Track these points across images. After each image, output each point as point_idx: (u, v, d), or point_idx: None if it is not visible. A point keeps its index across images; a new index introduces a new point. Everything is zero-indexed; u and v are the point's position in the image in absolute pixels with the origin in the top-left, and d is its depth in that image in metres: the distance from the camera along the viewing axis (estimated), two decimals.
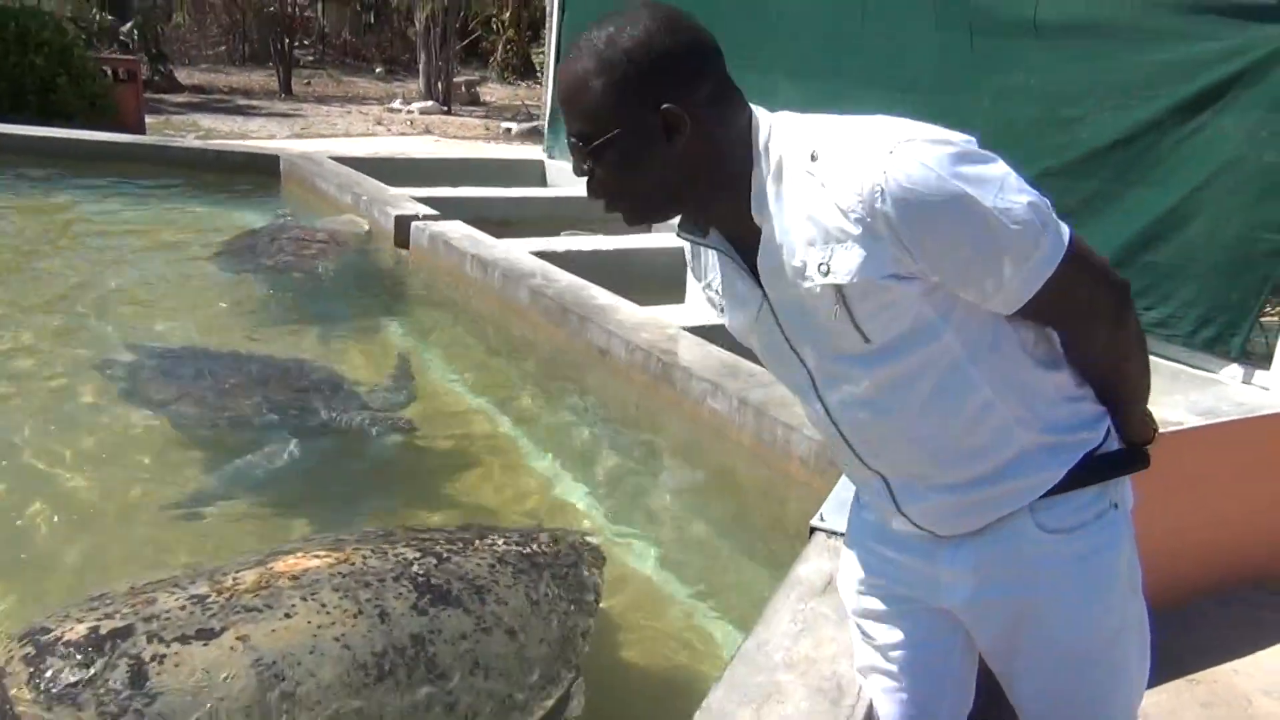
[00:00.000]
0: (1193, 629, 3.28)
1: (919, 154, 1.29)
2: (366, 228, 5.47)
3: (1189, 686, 3.04)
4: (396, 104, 16.92)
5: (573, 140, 1.42)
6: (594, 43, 1.37)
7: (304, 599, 2.06)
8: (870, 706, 1.77)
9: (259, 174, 6.73)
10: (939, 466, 1.48)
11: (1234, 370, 3.63)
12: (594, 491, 3.17)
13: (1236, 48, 3.53)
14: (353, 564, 2.18)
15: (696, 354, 3.54)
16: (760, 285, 1.44)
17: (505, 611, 2.22)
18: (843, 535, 2.30)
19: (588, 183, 1.45)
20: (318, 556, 2.19)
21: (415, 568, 2.21)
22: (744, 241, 1.44)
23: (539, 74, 17.50)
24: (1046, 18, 4.08)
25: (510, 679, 2.15)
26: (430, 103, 17.02)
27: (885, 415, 1.45)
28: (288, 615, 2.02)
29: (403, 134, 14.14)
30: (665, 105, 1.35)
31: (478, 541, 2.39)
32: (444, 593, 2.18)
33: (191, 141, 9.53)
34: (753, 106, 1.43)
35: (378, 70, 22.60)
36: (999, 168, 1.32)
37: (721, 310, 1.57)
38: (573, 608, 2.34)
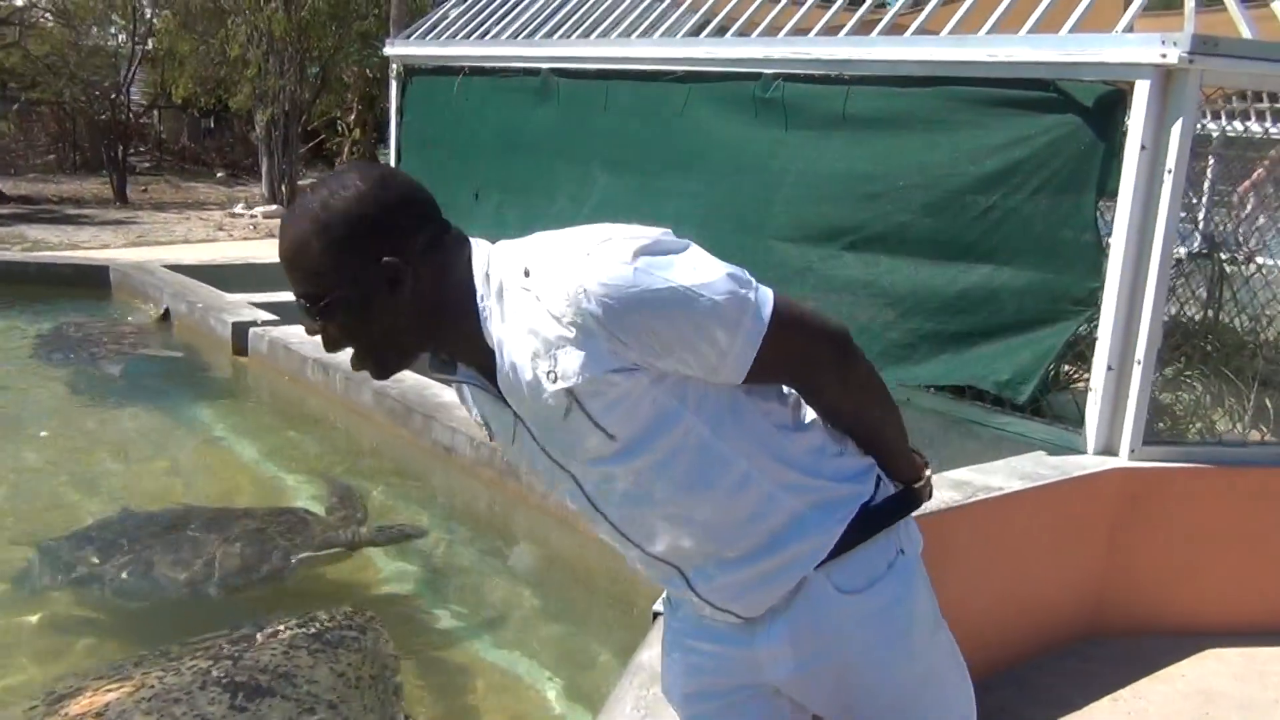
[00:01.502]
0: (1028, 686, 3.42)
1: (614, 252, 1.38)
2: (159, 312, 5.50)
3: None
4: (239, 209, 16.63)
5: (301, 302, 1.46)
6: (310, 207, 1.42)
7: None
8: None
9: (88, 286, 6.50)
10: (717, 544, 1.54)
11: (1050, 433, 3.86)
12: (445, 585, 3.16)
13: (1019, 135, 3.85)
14: (151, 687, 2.16)
15: None
16: (510, 406, 1.49)
17: (318, 689, 2.26)
18: None
19: (323, 341, 1.49)
20: (110, 690, 2.14)
21: (215, 672, 2.22)
22: (489, 368, 1.48)
23: None
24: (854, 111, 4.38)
25: None
26: (275, 206, 16.80)
27: (652, 504, 1.51)
28: None
29: (246, 239, 13.88)
30: (385, 259, 1.41)
31: (258, 636, 2.43)
32: (254, 687, 2.20)
33: (13, 254, 9.13)
34: (472, 240, 1.50)
35: (219, 175, 22.22)
36: (691, 252, 1.43)
37: (491, 437, 1.63)
38: (378, 669, 2.41)
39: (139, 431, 4.49)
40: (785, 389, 1.59)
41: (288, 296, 5.05)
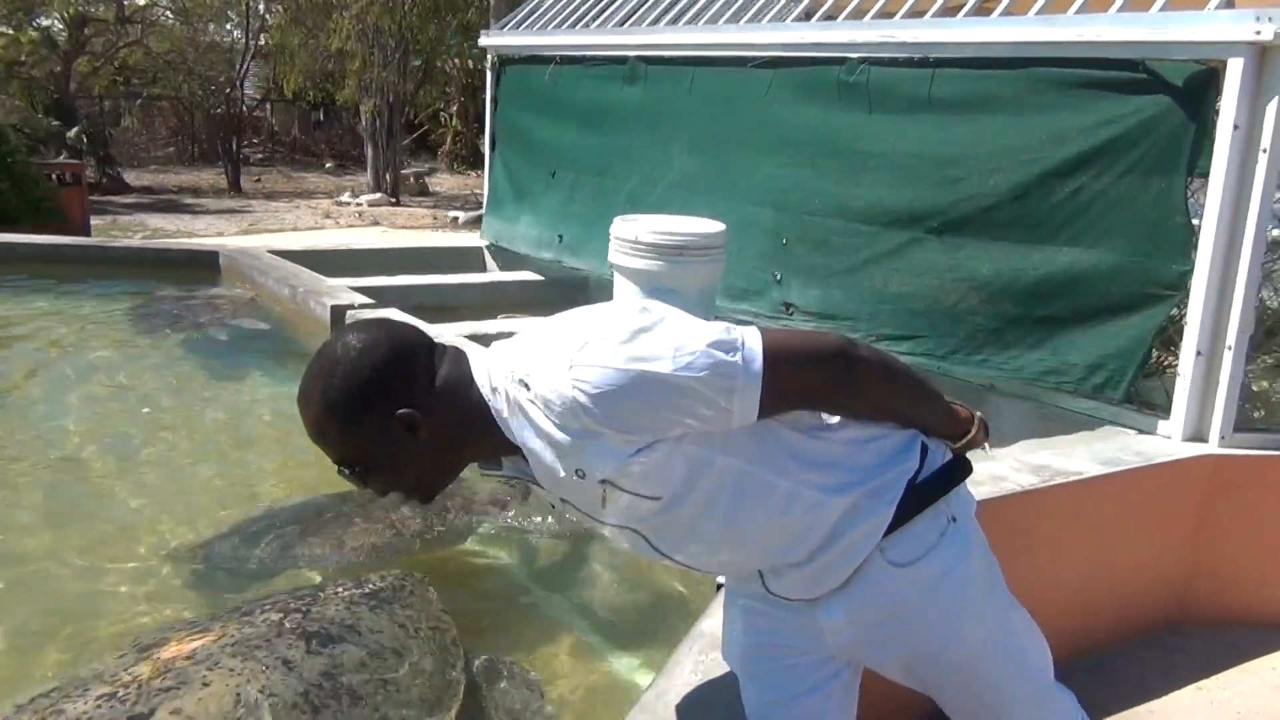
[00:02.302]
0: (1109, 674, 3.38)
1: (593, 358, 1.43)
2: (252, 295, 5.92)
3: None
4: (345, 197, 17.13)
5: (340, 469, 1.59)
6: (314, 390, 1.55)
7: (210, 669, 2.18)
8: None
9: (199, 269, 6.82)
10: (780, 557, 1.63)
11: (1136, 419, 3.79)
12: (525, 554, 3.29)
13: (1108, 117, 3.78)
14: (232, 636, 2.32)
15: None
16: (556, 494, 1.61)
17: (383, 638, 2.42)
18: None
19: (375, 491, 1.62)
20: (195, 639, 2.32)
21: (287, 624, 2.38)
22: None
23: None
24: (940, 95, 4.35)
25: (415, 690, 2.35)
26: (379, 195, 17.25)
27: (709, 542, 1.60)
28: (205, 684, 2.17)
29: (351, 226, 14.31)
30: (399, 412, 1.52)
31: (320, 594, 2.60)
32: (326, 636, 2.36)
33: (132, 241, 9.61)
34: (465, 352, 1.59)
35: (327, 165, 22.90)
36: (666, 329, 1.46)
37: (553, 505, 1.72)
38: (434, 622, 2.57)
39: (243, 404, 4.71)
40: None
41: (384, 281, 5.28)
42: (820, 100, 4.94)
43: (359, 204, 16.62)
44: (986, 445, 1.77)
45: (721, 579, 2.45)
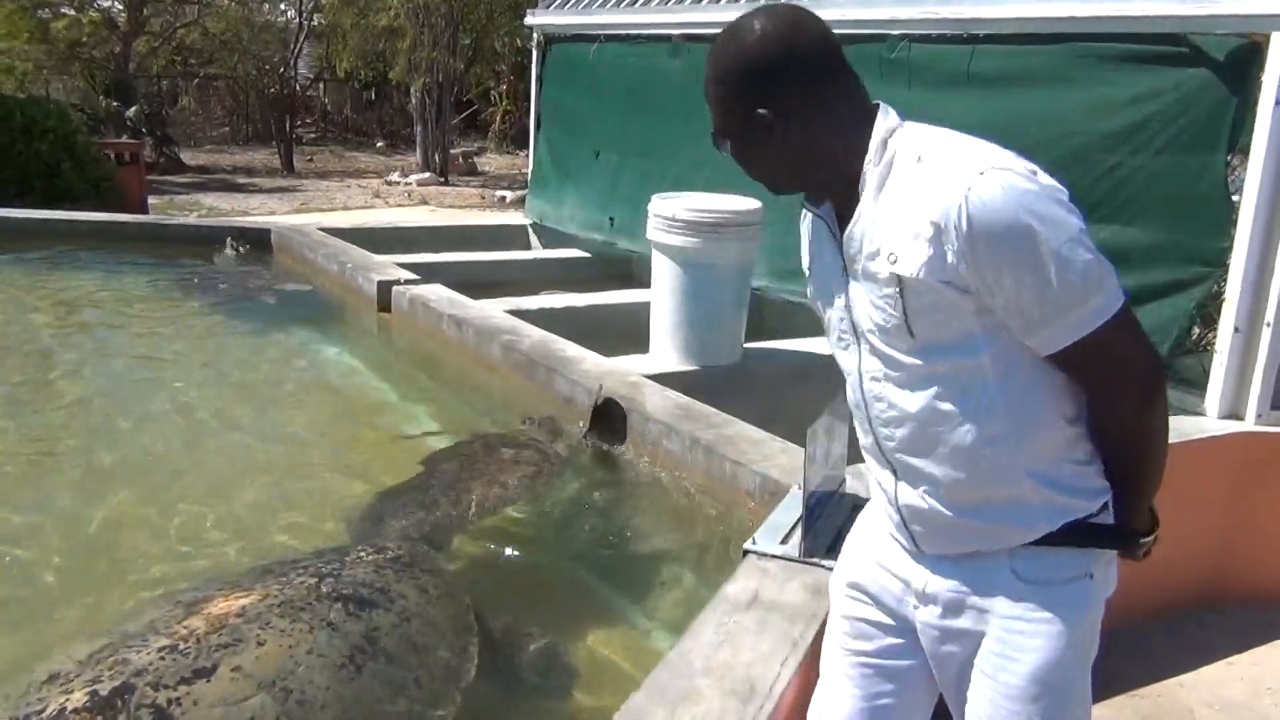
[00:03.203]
0: (1139, 648, 3.39)
1: (1006, 181, 1.44)
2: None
3: (1130, 701, 3.17)
4: (395, 177, 17.32)
5: (715, 127, 1.70)
6: (716, 53, 1.66)
7: (262, 629, 2.29)
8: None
9: (252, 247, 6.98)
10: (941, 475, 1.61)
11: (1173, 396, 3.78)
12: (558, 520, 3.38)
13: (1147, 91, 3.76)
14: (275, 597, 2.42)
15: (655, 399, 3.71)
16: (843, 261, 1.63)
17: (409, 602, 2.54)
18: (774, 557, 2.47)
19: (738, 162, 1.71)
20: (239, 597, 2.42)
21: (324, 588, 2.48)
22: (846, 215, 1.62)
23: None
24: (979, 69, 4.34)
25: (440, 651, 2.45)
26: (428, 174, 17.42)
27: (908, 410, 1.60)
28: (260, 644, 2.26)
29: (400, 205, 14.49)
30: (759, 110, 1.59)
31: (347, 558, 2.71)
32: (361, 599, 2.47)
33: (187, 219, 9.83)
34: (881, 106, 1.62)
35: (378, 145, 23.13)
36: (1074, 222, 1.45)
37: (810, 274, 1.78)
38: (449, 587, 2.69)
39: (295, 375, 4.85)
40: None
41: (430, 258, 5.41)
42: (864, 77, 4.93)
43: (408, 183, 16.80)
44: (1140, 554, 1.70)
45: (749, 545, 2.52)
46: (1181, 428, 3.53)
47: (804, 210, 1.77)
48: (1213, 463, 3.56)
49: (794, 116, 1.58)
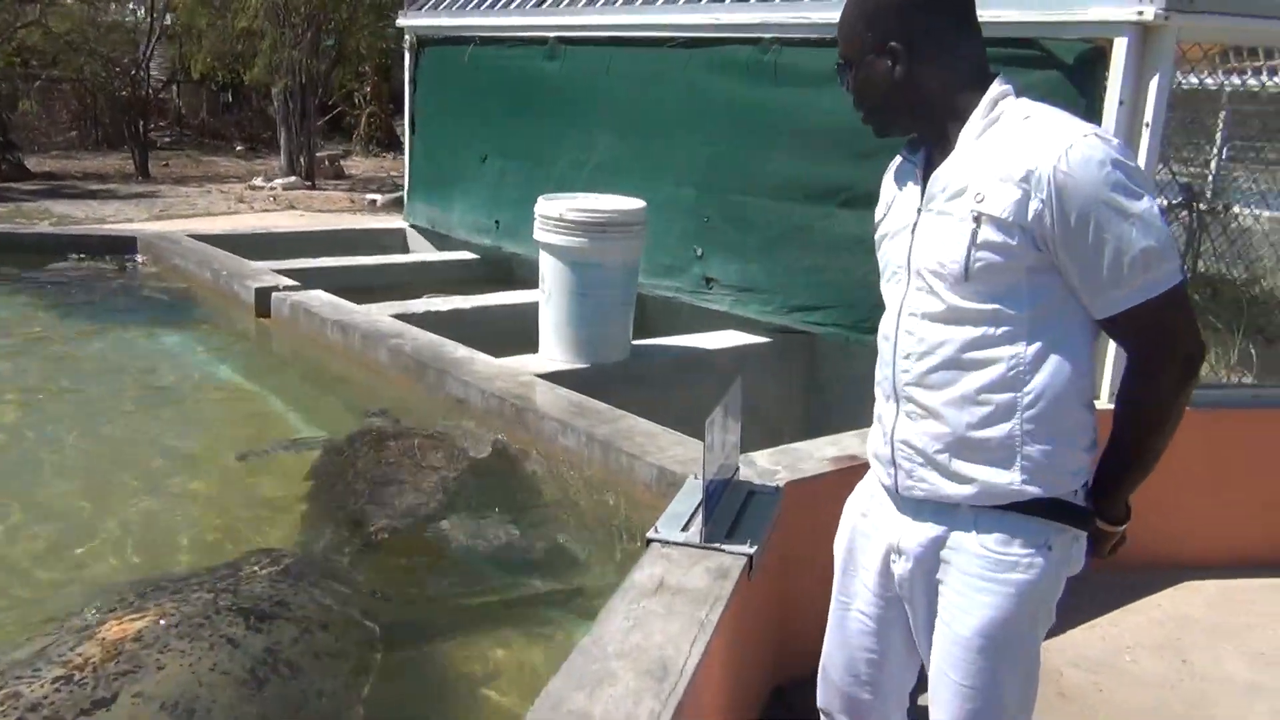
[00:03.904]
0: None
1: (1104, 148, 1.59)
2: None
3: None
4: (258, 181, 16.84)
5: (839, 63, 1.84)
6: None
7: (161, 651, 2.26)
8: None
9: (117, 256, 6.74)
10: (945, 417, 1.76)
11: None
12: (461, 518, 3.41)
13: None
14: (172, 616, 2.39)
15: (548, 397, 3.77)
16: (919, 205, 1.77)
17: (308, 612, 2.55)
18: (676, 544, 2.56)
19: (853, 99, 1.85)
20: (134, 620, 2.38)
21: (221, 602, 2.48)
22: (929, 166, 1.79)
23: (403, 144, 17.69)
24: None
25: (343, 659, 2.48)
26: (293, 178, 16.99)
27: (936, 344, 1.75)
28: (160, 667, 2.22)
29: (266, 210, 14.11)
30: (891, 43, 1.71)
31: (241, 572, 2.70)
32: (261, 613, 2.47)
33: (45, 228, 9.39)
34: (1000, 75, 1.75)
35: (238, 149, 22.42)
36: (1151, 197, 1.62)
37: (882, 213, 1.93)
38: (344, 591, 2.72)
39: (173, 387, 4.72)
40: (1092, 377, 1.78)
41: (308, 263, 5.34)
42: (736, 79, 5.09)
43: (273, 188, 16.36)
44: (1108, 549, 1.88)
45: (652, 534, 2.60)
46: None
47: (893, 162, 1.94)
48: None
49: (924, 54, 1.72)
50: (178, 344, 5.27)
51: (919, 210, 1.77)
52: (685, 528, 2.62)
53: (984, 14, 3.94)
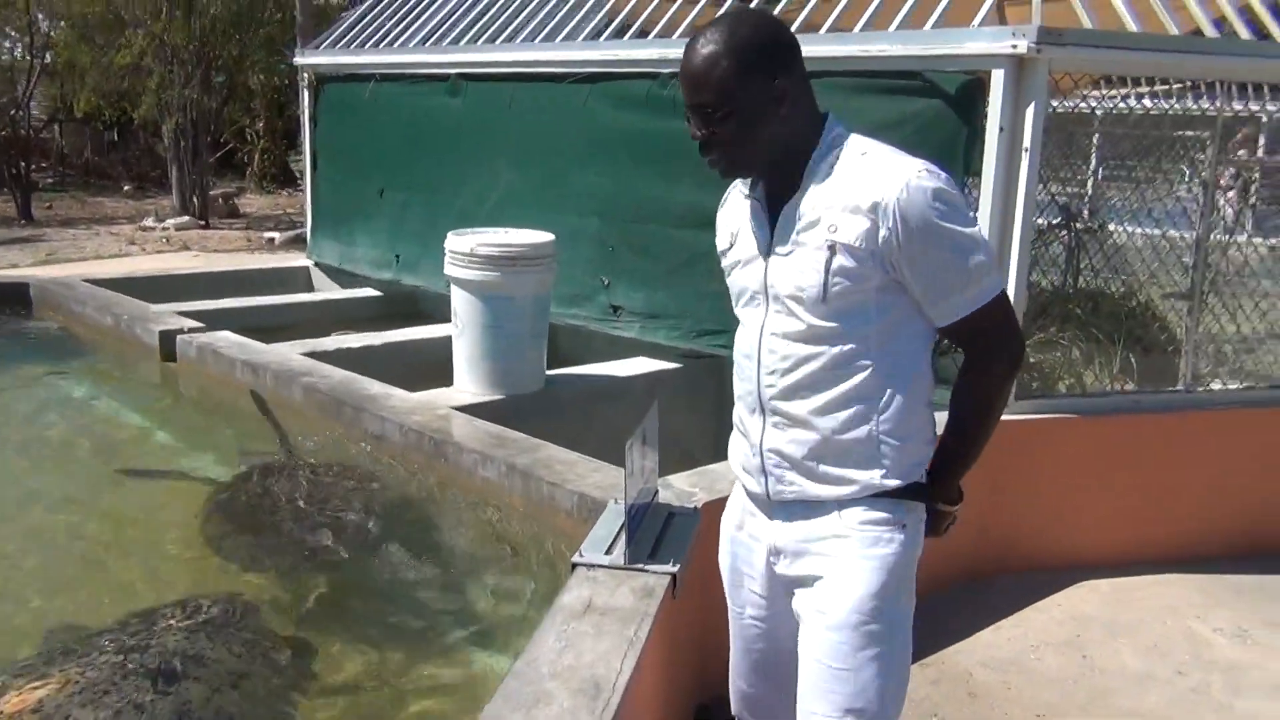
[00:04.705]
0: (921, 622, 3.76)
1: (936, 181, 1.78)
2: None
3: (919, 671, 3.50)
4: (149, 222, 16.45)
5: (703, 109, 1.84)
6: (719, 33, 1.81)
7: None
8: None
9: (8, 303, 6.52)
10: (810, 423, 1.91)
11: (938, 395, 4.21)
12: (385, 554, 3.41)
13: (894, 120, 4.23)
14: (77, 682, 2.33)
15: (466, 430, 3.81)
16: (771, 234, 1.90)
17: (223, 668, 2.50)
18: (602, 566, 2.63)
19: (704, 145, 1.89)
20: (36, 688, 2.31)
21: (129, 664, 2.42)
22: (772, 200, 1.93)
23: (299, 181, 17.46)
24: None
25: (259, 712, 2.42)
26: (186, 218, 16.64)
27: (798, 359, 1.90)
28: None
29: (159, 252, 13.78)
30: (777, 80, 1.80)
31: (156, 625, 2.63)
32: (170, 672, 2.42)
33: None
34: (829, 114, 1.89)
35: (126, 188, 21.83)
36: (975, 221, 1.84)
37: (730, 247, 2.05)
38: (266, 646, 2.67)
39: (79, 436, 4.62)
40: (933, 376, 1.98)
41: (211, 304, 5.26)
42: (636, 111, 5.22)
43: (165, 228, 15.99)
44: (943, 528, 2.08)
45: (577, 558, 2.66)
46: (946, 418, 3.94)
47: (726, 197, 2.10)
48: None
49: (796, 92, 1.84)
50: (79, 392, 5.16)
51: (770, 241, 1.91)
52: (609, 550, 2.70)
53: (873, 49, 4.21)
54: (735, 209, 2.05)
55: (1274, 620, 3.85)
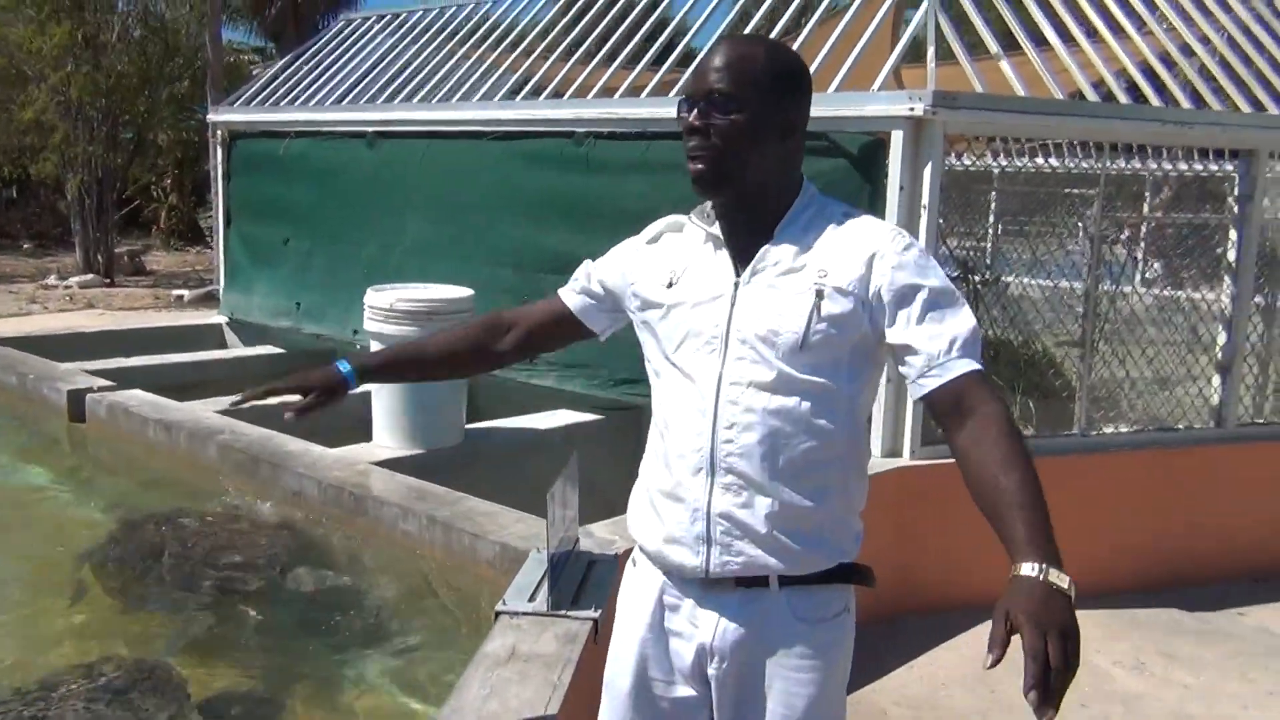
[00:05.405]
0: None
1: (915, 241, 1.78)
2: None
3: None
4: (52, 280, 16.03)
5: (715, 93, 1.74)
6: (764, 43, 1.83)
7: None
8: None
9: None
10: (768, 488, 1.76)
11: None
12: (301, 617, 3.38)
13: None
14: None
15: (387, 484, 3.83)
16: (736, 277, 1.80)
17: None
18: (525, 614, 2.67)
19: (696, 131, 1.75)
20: None
21: None
22: (737, 240, 1.81)
23: (208, 239, 17.19)
24: None
25: None
26: (90, 276, 16.26)
27: (765, 413, 1.75)
28: None
29: (63, 310, 13.45)
30: (791, 113, 1.77)
31: (55, 694, 2.52)
32: None
33: None
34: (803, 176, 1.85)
35: (25, 246, 21.23)
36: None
37: (670, 285, 1.87)
38: (175, 708, 2.57)
39: None
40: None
41: (121, 363, 5.19)
42: (551, 167, 5.35)
43: (68, 286, 15.59)
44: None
45: (501, 606, 2.70)
46: None
47: (656, 235, 1.98)
48: (882, 493, 4.12)
49: (798, 139, 1.82)
50: None
51: (736, 281, 1.78)
52: (532, 598, 2.74)
53: None
54: (675, 246, 1.91)
55: (1168, 651, 4.04)
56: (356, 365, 2.17)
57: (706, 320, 1.80)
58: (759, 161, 1.76)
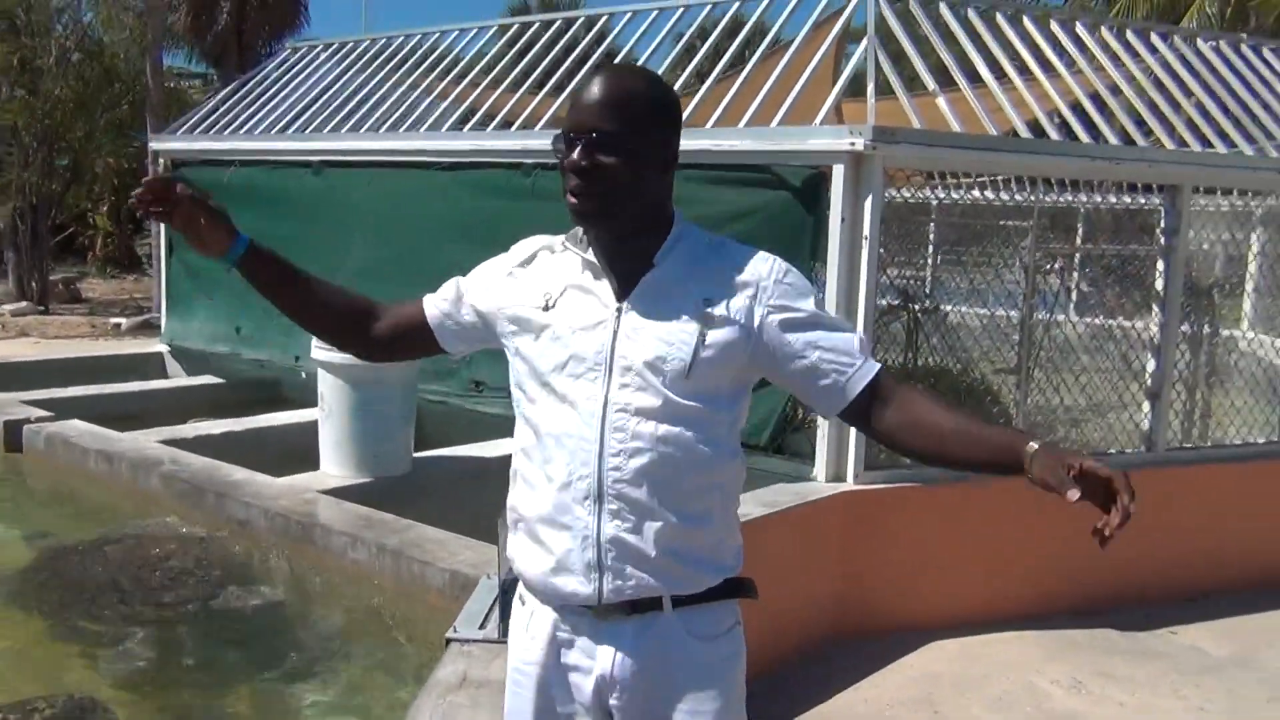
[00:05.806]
0: (779, 687, 3.90)
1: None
2: None
3: None
4: None
5: (597, 135, 1.70)
6: (641, 76, 1.83)
7: None
8: None
9: None
10: (657, 513, 1.76)
11: (788, 466, 4.44)
12: (251, 645, 3.35)
13: (745, 210, 4.49)
14: None
15: (334, 512, 3.82)
16: (618, 303, 1.77)
17: None
18: (476, 641, 2.70)
19: (581, 173, 1.71)
20: None
21: None
22: (617, 266, 1.78)
23: (146, 266, 16.92)
24: None
25: None
26: (24, 304, 15.90)
27: (652, 440, 1.74)
28: None
29: None
30: (671, 145, 1.77)
31: None
32: None
33: None
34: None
35: None
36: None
37: (547, 308, 1.83)
38: None
39: None
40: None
41: (59, 393, 5.11)
42: (499, 197, 5.40)
43: (1, 314, 15.25)
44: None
45: (450, 634, 2.72)
46: (800, 490, 4.16)
47: (530, 256, 1.91)
48: (826, 518, 4.21)
49: (670, 169, 1.82)
50: None
51: (619, 308, 1.77)
52: (483, 625, 2.77)
53: (726, 144, 4.49)
54: (549, 267, 1.87)
55: (1104, 671, 4.14)
56: (251, 240, 2.06)
57: (588, 346, 1.77)
58: (641, 197, 1.76)
